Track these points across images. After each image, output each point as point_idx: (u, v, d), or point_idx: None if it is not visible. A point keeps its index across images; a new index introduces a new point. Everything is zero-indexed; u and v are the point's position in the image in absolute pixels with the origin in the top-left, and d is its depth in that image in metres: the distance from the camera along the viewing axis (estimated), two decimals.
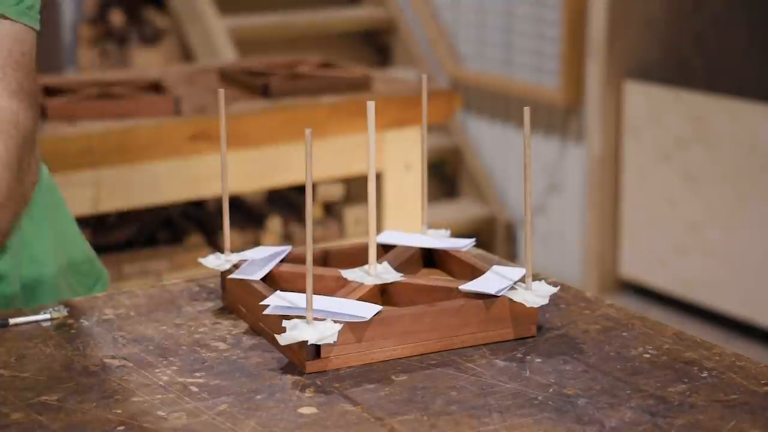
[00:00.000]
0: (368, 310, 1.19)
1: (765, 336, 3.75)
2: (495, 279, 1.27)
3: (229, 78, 2.94)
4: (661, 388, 1.13)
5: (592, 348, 1.23)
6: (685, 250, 3.94)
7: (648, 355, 1.21)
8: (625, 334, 1.26)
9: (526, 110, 1.20)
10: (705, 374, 1.16)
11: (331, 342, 1.15)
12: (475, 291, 1.24)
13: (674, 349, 1.22)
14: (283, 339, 1.15)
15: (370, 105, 1.25)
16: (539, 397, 1.11)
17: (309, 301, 1.15)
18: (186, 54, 4.74)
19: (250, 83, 2.81)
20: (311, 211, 1.12)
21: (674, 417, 1.07)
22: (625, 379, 1.15)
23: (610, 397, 1.11)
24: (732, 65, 4.31)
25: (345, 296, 1.24)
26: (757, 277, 3.71)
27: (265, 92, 2.75)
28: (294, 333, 1.14)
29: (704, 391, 1.12)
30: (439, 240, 1.42)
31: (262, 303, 1.22)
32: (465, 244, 1.40)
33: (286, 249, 1.37)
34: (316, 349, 1.16)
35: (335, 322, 1.16)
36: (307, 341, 1.14)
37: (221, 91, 1.32)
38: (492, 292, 1.23)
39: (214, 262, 1.36)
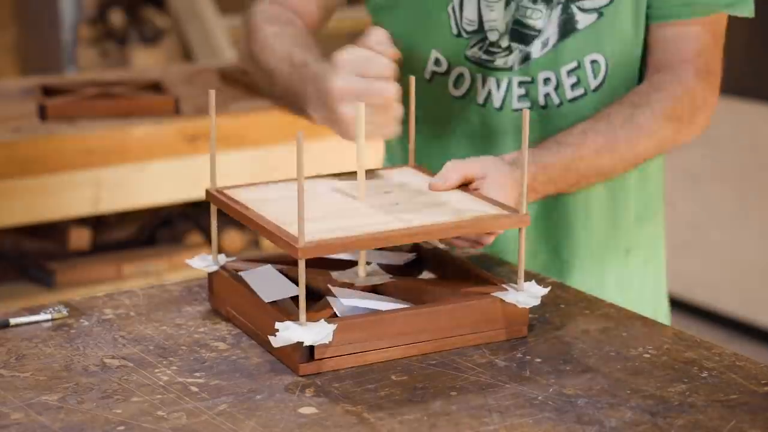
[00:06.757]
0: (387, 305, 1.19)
1: (765, 336, 3.74)
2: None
3: (229, 78, 2.93)
4: (661, 388, 1.13)
5: (592, 348, 1.22)
6: (685, 250, 3.93)
7: (648, 355, 1.21)
8: (625, 334, 1.26)
9: (525, 112, 1.20)
10: (705, 374, 1.16)
11: (326, 342, 1.14)
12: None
13: (674, 349, 1.22)
14: (276, 341, 1.13)
15: (360, 107, 1.26)
16: (539, 397, 1.11)
17: (302, 303, 1.14)
18: (186, 54, 4.74)
19: (250, 83, 2.81)
20: (302, 213, 1.11)
21: (674, 417, 1.07)
22: (625, 379, 1.15)
23: (610, 397, 1.11)
24: (732, 65, 4.30)
25: None
26: (757, 277, 3.71)
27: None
28: (287, 334, 1.12)
29: (704, 391, 1.12)
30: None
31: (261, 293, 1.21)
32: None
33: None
34: (310, 351, 1.15)
35: (331, 320, 1.15)
36: (301, 342, 1.13)
37: (212, 92, 1.33)
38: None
39: (200, 263, 1.33)
